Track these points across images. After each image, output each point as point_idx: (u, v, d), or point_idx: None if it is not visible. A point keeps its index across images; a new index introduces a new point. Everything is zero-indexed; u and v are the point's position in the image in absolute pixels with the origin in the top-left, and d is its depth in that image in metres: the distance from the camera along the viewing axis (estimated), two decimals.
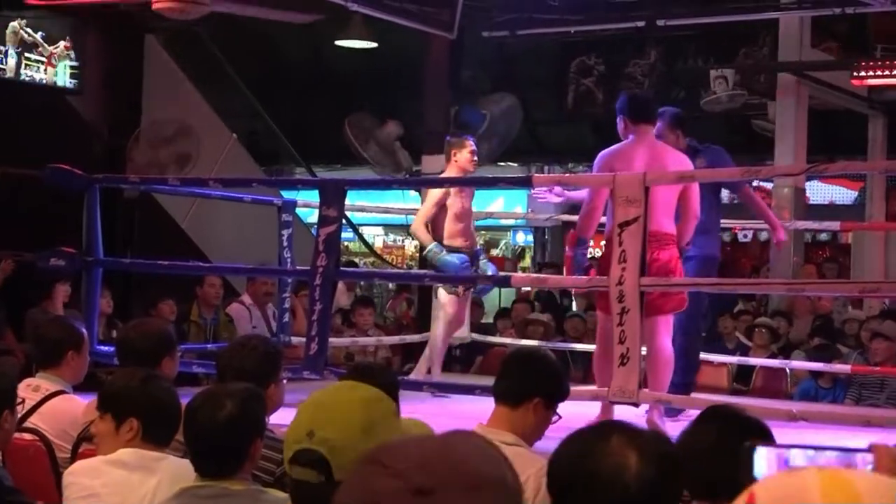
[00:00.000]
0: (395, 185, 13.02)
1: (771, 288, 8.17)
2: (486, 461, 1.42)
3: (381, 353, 11.08)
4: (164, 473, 3.87)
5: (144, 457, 3.95)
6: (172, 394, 4.12)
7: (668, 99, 16.94)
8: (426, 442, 1.46)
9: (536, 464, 3.99)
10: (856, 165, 13.84)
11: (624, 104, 7.29)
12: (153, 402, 4.04)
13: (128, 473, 3.92)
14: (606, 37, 15.71)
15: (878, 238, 15.17)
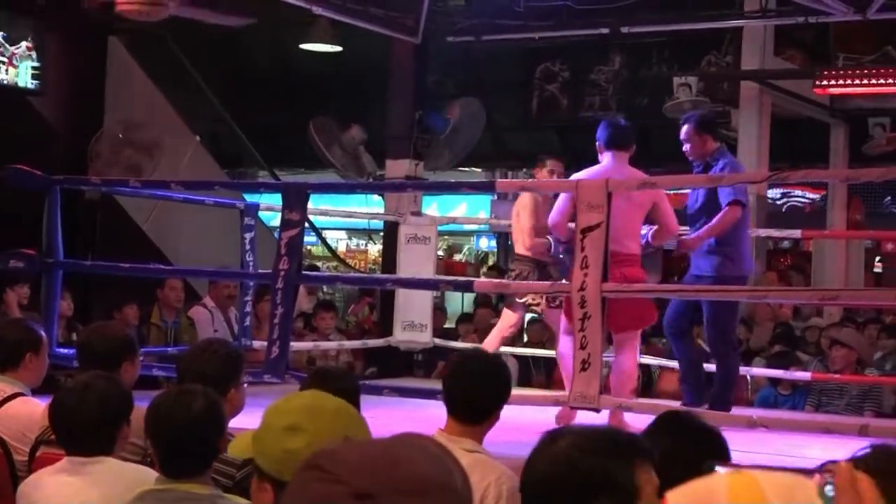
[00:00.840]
0: (359, 190, 13.03)
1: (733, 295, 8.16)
2: (430, 464, 1.41)
3: (342, 358, 11.06)
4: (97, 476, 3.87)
5: (73, 462, 3.96)
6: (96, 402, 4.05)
7: (632, 106, 17.05)
8: (368, 446, 1.46)
9: (497, 470, 4.00)
10: (817, 174, 13.93)
11: (600, 131, 7.45)
12: None
13: (67, 479, 3.92)
14: (571, 43, 15.76)
15: (839, 246, 15.27)
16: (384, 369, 10.92)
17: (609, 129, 7.39)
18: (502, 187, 11.03)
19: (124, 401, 4.07)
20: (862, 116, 14.75)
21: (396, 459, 1.40)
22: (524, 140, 18.57)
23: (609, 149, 7.34)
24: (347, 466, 1.38)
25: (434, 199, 18.09)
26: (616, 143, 7.32)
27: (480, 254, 21.90)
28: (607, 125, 7.48)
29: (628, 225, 7.06)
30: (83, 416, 3.96)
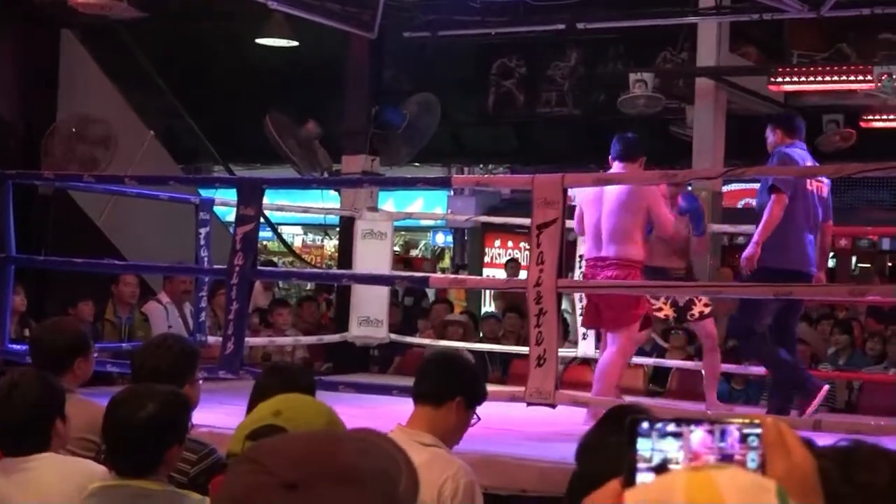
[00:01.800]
0: (315, 185, 13.00)
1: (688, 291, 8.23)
2: (363, 455, 1.41)
3: (298, 354, 11.05)
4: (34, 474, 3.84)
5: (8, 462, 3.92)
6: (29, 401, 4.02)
7: (588, 102, 17.11)
8: (302, 438, 1.46)
9: (453, 466, 4.00)
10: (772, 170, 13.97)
11: (612, 146, 7.66)
12: None
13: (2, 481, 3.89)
14: (527, 39, 15.78)
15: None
16: (340, 365, 10.90)
17: (618, 143, 7.64)
18: (458, 183, 11.06)
19: (54, 397, 4.00)
20: (816, 113, 14.84)
21: (329, 451, 1.40)
22: (480, 136, 18.60)
23: (617, 160, 7.57)
24: (278, 458, 1.39)
25: (390, 195, 18.08)
26: (622, 155, 7.56)
27: (437, 249, 21.91)
28: (617, 139, 7.72)
29: (609, 228, 7.37)
30: (12, 416, 3.90)
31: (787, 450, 1.38)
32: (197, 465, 4.24)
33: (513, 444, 6.49)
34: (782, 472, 1.37)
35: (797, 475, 1.38)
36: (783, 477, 1.36)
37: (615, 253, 7.37)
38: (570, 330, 10.90)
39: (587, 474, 2.46)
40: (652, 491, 1.28)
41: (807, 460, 1.39)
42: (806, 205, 7.47)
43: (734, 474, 1.27)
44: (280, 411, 2.68)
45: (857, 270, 19.19)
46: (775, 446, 1.37)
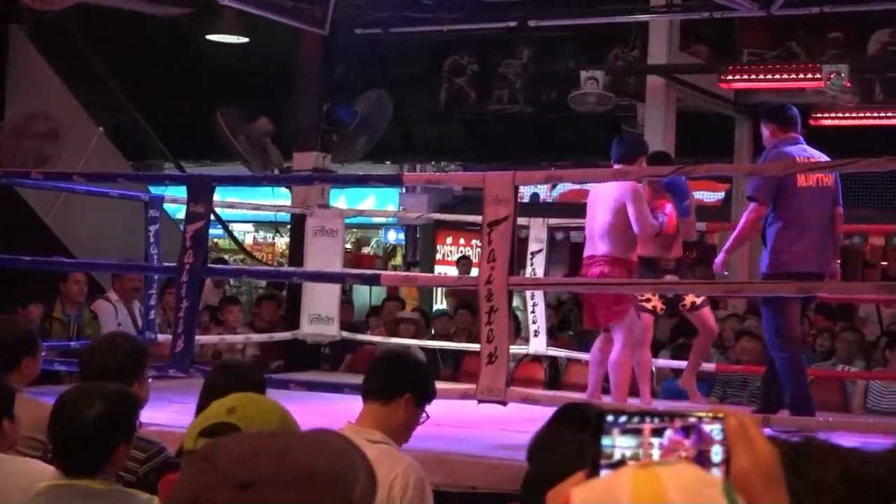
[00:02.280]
0: (266, 182, 12.96)
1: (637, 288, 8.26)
2: (318, 456, 1.42)
3: (249, 351, 11.02)
4: None
5: None
6: None
7: (539, 100, 17.15)
8: (256, 438, 1.46)
9: (403, 462, 4.01)
10: (722, 168, 14.09)
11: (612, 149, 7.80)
12: None
13: None
14: (479, 36, 15.81)
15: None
16: (291, 363, 10.88)
17: (617, 146, 7.79)
18: (410, 180, 11.06)
19: (2, 397, 3.97)
20: None
21: (282, 450, 1.40)
22: (432, 133, 18.60)
23: (616, 163, 7.70)
24: (231, 457, 1.39)
25: (342, 192, 18.04)
26: (621, 157, 7.68)
27: (388, 247, 21.89)
28: (616, 142, 7.88)
29: (601, 228, 7.56)
30: None
31: (751, 443, 1.39)
32: (146, 464, 4.23)
33: (463, 441, 6.51)
34: (746, 465, 1.38)
35: (761, 468, 1.39)
36: (748, 469, 1.38)
37: (602, 251, 7.55)
38: (522, 327, 10.93)
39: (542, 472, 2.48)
40: (598, 490, 1.29)
41: (770, 453, 1.41)
42: (800, 203, 7.26)
43: (680, 471, 1.27)
44: (234, 409, 2.69)
45: None
46: (739, 440, 1.39)
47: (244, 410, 2.68)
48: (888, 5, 12.47)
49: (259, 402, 2.82)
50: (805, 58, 14.35)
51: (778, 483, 1.41)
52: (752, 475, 1.38)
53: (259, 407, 2.74)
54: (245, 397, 2.82)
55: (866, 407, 9.33)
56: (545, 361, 10.80)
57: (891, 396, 9.25)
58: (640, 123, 13.87)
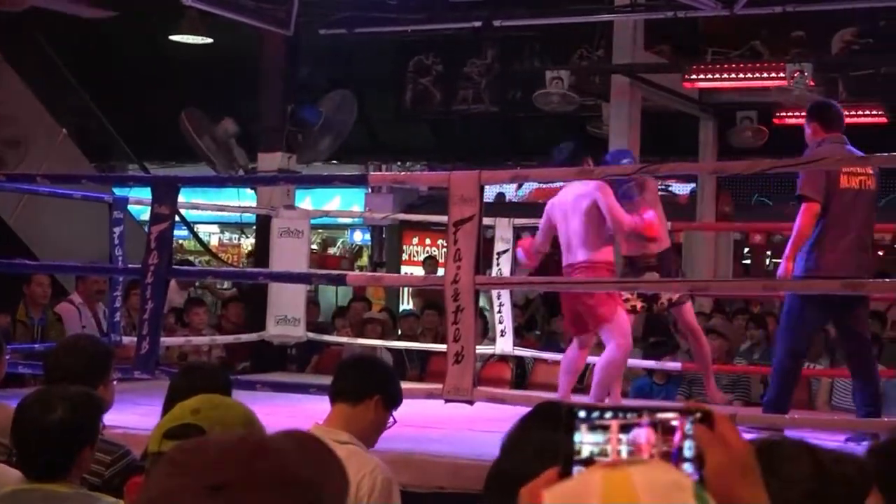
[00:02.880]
0: (231, 183, 12.92)
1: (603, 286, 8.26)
2: (287, 457, 1.41)
3: (215, 353, 10.98)
4: None
5: None
6: None
7: (505, 99, 17.16)
8: (225, 440, 1.45)
9: (370, 463, 4.00)
10: (687, 166, 14.16)
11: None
12: None
13: None
14: (444, 36, 15.81)
15: (709, 238, 15.55)
16: (258, 364, 10.84)
17: (556, 155, 7.72)
18: (375, 181, 11.03)
19: None
20: (730, 110, 15.02)
21: (251, 452, 1.39)
22: (397, 133, 18.59)
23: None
24: (202, 459, 1.38)
25: (307, 193, 18.02)
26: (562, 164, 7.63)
27: (354, 247, 21.87)
28: (555, 152, 7.81)
29: (576, 235, 7.54)
30: None
31: (725, 439, 1.39)
32: (111, 467, 4.20)
33: (430, 441, 6.50)
34: (721, 462, 1.38)
35: (736, 464, 1.39)
36: (723, 465, 1.37)
37: (580, 257, 7.53)
38: (489, 327, 10.94)
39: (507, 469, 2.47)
40: (569, 491, 1.28)
41: (744, 449, 1.41)
42: (841, 204, 6.93)
43: (652, 472, 1.27)
44: (198, 410, 2.68)
45: (771, 266, 19.43)
46: (712, 436, 1.39)
47: (209, 412, 2.67)
48: (850, 4, 12.54)
49: (224, 403, 2.81)
50: (769, 57, 14.41)
51: (754, 478, 1.41)
52: (728, 471, 1.38)
53: (224, 408, 2.73)
54: (210, 398, 2.81)
55: (831, 404, 9.38)
56: (512, 361, 10.82)
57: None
58: (606, 123, 13.90)
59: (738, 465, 1.39)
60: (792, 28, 14.59)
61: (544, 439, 2.96)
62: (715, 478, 1.37)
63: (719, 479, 1.37)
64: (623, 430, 1.38)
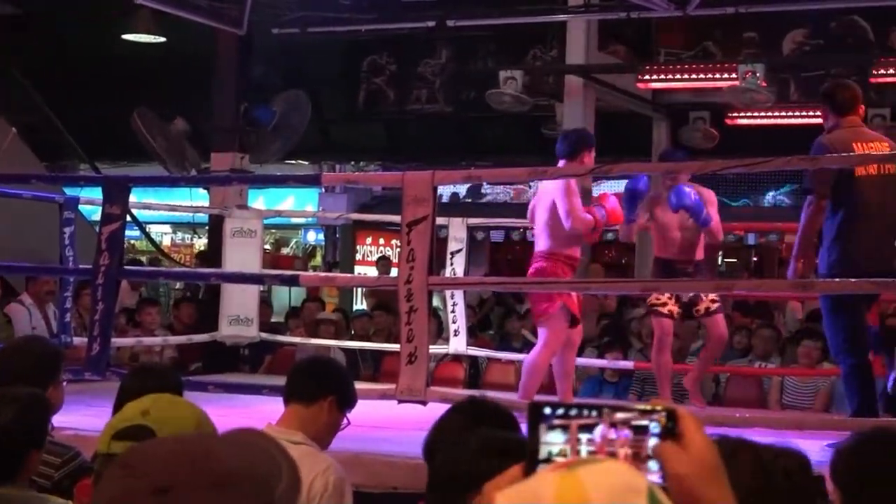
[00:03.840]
0: (183, 183, 12.85)
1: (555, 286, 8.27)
2: (237, 457, 1.41)
3: (168, 354, 10.92)
4: None
5: None
6: None
7: (458, 99, 17.17)
8: (174, 442, 1.45)
9: (323, 463, 4.00)
10: (639, 166, 14.12)
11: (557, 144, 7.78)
12: None
13: None
14: (398, 36, 15.80)
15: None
16: (210, 365, 10.80)
17: (560, 142, 7.73)
18: (328, 180, 11.00)
19: None
20: (683, 110, 15.11)
21: (200, 453, 1.39)
22: (351, 133, 18.56)
23: (561, 159, 7.65)
24: (149, 462, 1.38)
25: (261, 193, 17.96)
26: (564, 153, 7.62)
27: (308, 247, 21.82)
28: (561, 138, 7.82)
29: (539, 225, 7.62)
30: None
31: (688, 438, 1.40)
32: (61, 469, 4.18)
33: (384, 441, 6.49)
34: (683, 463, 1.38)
35: (700, 465, 1.39)
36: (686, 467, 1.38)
37: (541, 247, 7.59)
38: (443, 327, 10.94)
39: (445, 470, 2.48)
40: (521, 493, 1.28)
41: (707, 448, 1.41)
42: (859, 193, 6.57)
43: (606, 473, 1.26)
44: (148, 411, 2.66)
45: (723, 266, 19.55)
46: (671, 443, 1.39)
47: (159, 413, 2.66)
48: (802, 6, 12.67)
49: (174, 403, 2.79)
50: (721, 57, 14.52)
51: (720, 479, 1.41)
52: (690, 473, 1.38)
53: (174, 409, 2.72)
54: (160, 398, 2.79)
55: (783, 403, 9.45)
56: (465, 361, 10.83)
57: (804, 392, 9.37)
58: (559, 123, 13.94)
59: (701, 466, 1.39)
60: (744, 29, 14.71)
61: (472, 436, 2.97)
62: (678, 480, 1.38)
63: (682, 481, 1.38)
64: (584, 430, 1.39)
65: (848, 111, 6.72)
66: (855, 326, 6.68)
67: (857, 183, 6.53)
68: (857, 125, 6.75)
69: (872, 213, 6.58)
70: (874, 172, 6.55)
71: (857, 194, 6.56)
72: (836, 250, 6.60)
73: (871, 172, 6.54)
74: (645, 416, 1.40)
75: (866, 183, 6.56)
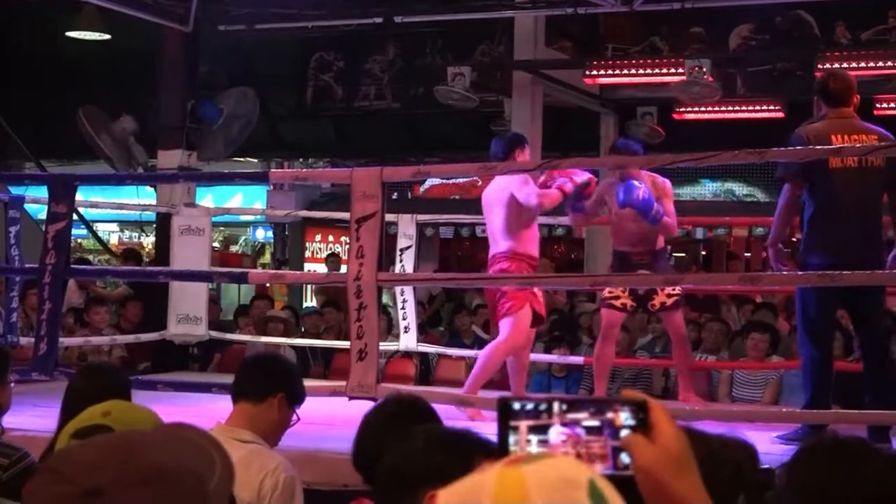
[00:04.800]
0: (130, 181, 12.78)
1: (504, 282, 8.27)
2: (166, 453, 1.40)
3: (116, 353, 10.85)
4: None
5: None
6: None
7: (407, 95, 17.17)
8: (102, 442, 1.44)
9: (273, 462, 3.99)
10: (587, 161, 14.20)
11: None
12: None
13: None
14: (345, 33, 15.77)
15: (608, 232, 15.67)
16: (159, 364, 10.75)
17: (493, 146, 7.74)
18: (276, 178, 10.97)
19: None
20: (631, 105, 15.18)
21: (128, 452, 1.38)
22: (299, 130, 18.54)
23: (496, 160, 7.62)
24: (77, 465, 1.37)
25: (209, 191, 17.88)
26: (495, 157, 7.61)
27: (257, 245, 21.76)
28: (493, 142, 7.82)
29: (497, 226, 7.57)
30: None
31: (657, 430, 1.40)
32: (9, 470, 4.14)
33: (335, 439, 6.48)
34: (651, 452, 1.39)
35: (668, 456, 1.39)
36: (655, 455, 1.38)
37: (502, 248, 7.54)
38: (393, 324, 10.93)
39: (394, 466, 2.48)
40: (462, 491, 1.28)
41: (676, 439, 1.41)
42: (833, 186, 6.47)
43: (547, 469, 1.26)
44: (109, 412, 2.67)
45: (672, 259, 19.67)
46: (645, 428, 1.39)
47: (119, 414, 2.67)
48: (748, 1, 12.74)
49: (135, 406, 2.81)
50: (668, 53, 14.60)
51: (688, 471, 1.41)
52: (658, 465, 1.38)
53: (135, 411, 2.73)
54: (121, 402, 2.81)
55: (732, 396, 9.50)
56: (416, 357, 10.83)
57: (754, 384, 9.43)
58: (508, 119, 13.98)
59: (669, 457, 1.39)
60: (691, 24, 14.80)
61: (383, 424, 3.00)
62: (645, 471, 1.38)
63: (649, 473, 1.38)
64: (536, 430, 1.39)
65: (839, 102, 6.62)
66: (819, 318, 6.62)
67: (832, 175, 6.43)
68: (846, 116, 6.62)
69: (845, 206, 6.47)
70: (853, 165, 6.43)
71: (830, 185, 6.46)
72: (806, 241, 6.57)
73: (848, 165, 6.43)
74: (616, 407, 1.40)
75: (841, 175, 6.44)
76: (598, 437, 1.40)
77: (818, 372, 6.57)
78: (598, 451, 1.39)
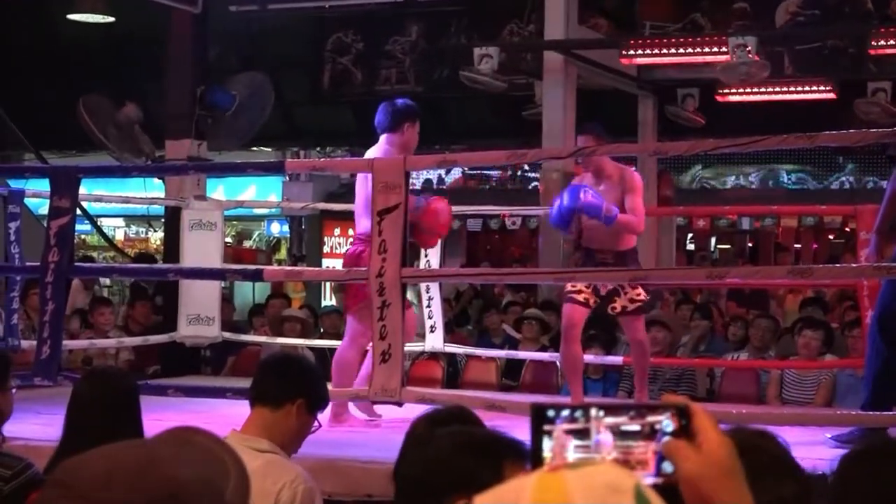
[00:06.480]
0: (135, 173, 12.81)
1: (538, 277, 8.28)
2: (180, 463, 1.39)
3: (123, 356, 10.89)
4: None
5: None
6: None
7: (431, 79, 17.16)
8: (113, 453, 1.43)
9: (291, 472, 3.99)
10: (626, 147, 14.15)
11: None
12: None
13: None
14: (365, 12, 15.79)
15: (650, 223, 15.63)
16: (169, 367, 10.77)
17: (380, 114, 7.88)
18: (292, 168, 10.98)
19: None
20: (671, 87, 15.12)
21: (142, 464, 1.38)
22: (316, 117, 18.55)
23: (383, 133, 7.76)
24: (90, 480, 1.36)
25: (220, 182, 17.94)
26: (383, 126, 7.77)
27: (272, 240, 21.80)
28: (380, 109, 7.95)
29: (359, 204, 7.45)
30: None
31: (701, 436, 1.39)
32: (12, 482, 4.16)
33: (357, 445, 6.49)
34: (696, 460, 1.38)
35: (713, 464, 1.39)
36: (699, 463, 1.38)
37: (361, 228, 7.41)
38: (418, 323, 10.94)
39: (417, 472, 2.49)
40: (501, 493, 1.28)
41: (722, 446, 1.40)
42: None
43: (590, 475, 1.26)
44: None
45: (716, 252, 19.61)
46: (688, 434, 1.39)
47: None
48: None
49: None
50: (710, 30, 14.53)
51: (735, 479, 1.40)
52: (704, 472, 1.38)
53: None
54: None
55: (782, 398, 9.46)
56: (443, 359, 10.82)
57: (805, 385, 9.38)
58: (539, 102, 13.94)
59: (714, 465, 1.39)
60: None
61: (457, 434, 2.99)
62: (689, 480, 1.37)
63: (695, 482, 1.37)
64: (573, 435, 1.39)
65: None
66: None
67: None
68: None
69: None
70: None
71: None
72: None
73: None
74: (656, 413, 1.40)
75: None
76: (638, 443, 1.39)
77: (883, 370, 6.49)
78: (639, 457, 1.39)
